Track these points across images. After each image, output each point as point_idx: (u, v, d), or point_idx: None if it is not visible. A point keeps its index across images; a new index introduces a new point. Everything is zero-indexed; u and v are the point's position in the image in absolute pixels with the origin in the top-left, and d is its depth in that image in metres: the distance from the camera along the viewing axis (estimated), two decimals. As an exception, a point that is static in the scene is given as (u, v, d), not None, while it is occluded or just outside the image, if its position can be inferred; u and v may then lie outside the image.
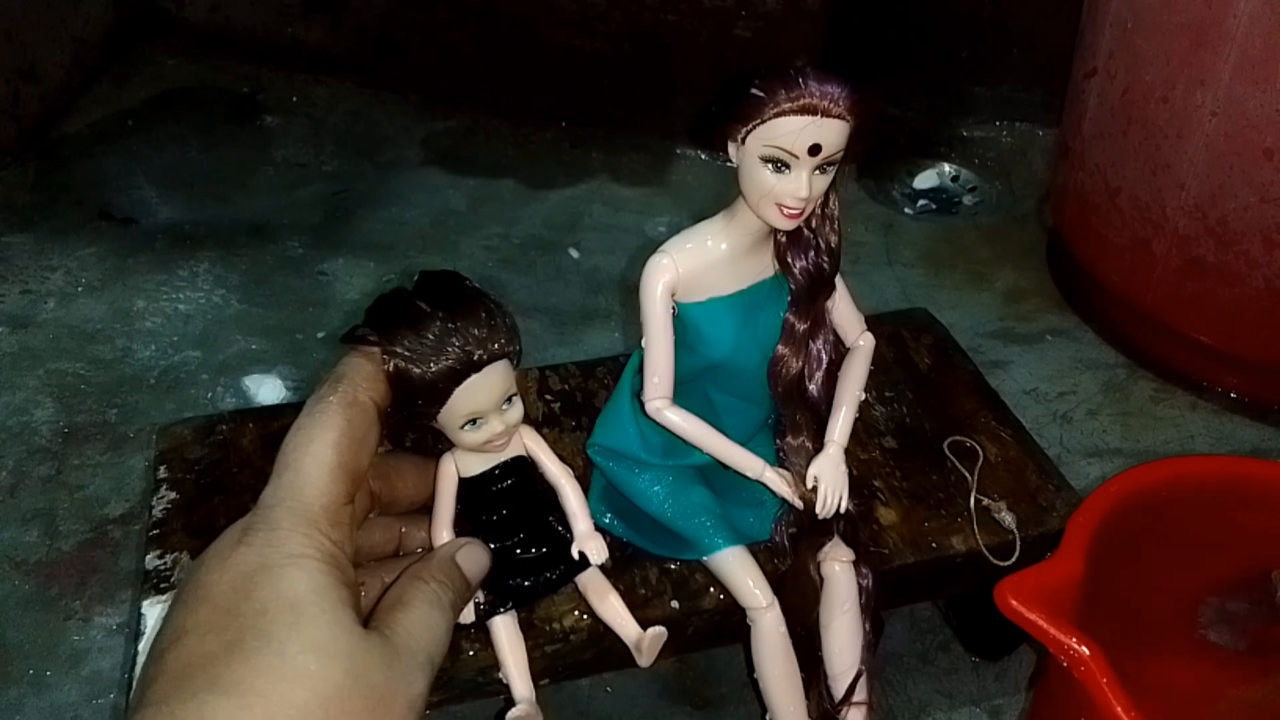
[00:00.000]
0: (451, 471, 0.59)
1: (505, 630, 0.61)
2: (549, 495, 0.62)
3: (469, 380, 0.53)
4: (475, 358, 0.52)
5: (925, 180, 1.57)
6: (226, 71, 1.72)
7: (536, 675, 0.62)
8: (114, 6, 1.71)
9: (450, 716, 0.80)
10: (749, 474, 0.62)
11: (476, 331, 0.52)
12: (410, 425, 0.56)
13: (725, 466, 0.63)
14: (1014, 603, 0.60)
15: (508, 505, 0.60)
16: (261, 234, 1.40)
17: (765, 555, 0.67)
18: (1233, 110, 1.01)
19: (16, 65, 1.50)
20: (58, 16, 1.59)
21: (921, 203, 1.53)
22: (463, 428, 0.55)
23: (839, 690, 0.64)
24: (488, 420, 0.56)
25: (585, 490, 0.65)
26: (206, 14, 1.74)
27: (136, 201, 1.45)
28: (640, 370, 0.61)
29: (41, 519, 1.00)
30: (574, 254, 1.39)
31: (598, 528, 0.63)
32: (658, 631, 0.62)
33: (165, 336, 1.22)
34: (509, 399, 0.56)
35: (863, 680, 0.65)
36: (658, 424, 0.62)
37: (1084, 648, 0.57)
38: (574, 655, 0.66)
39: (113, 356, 1.19)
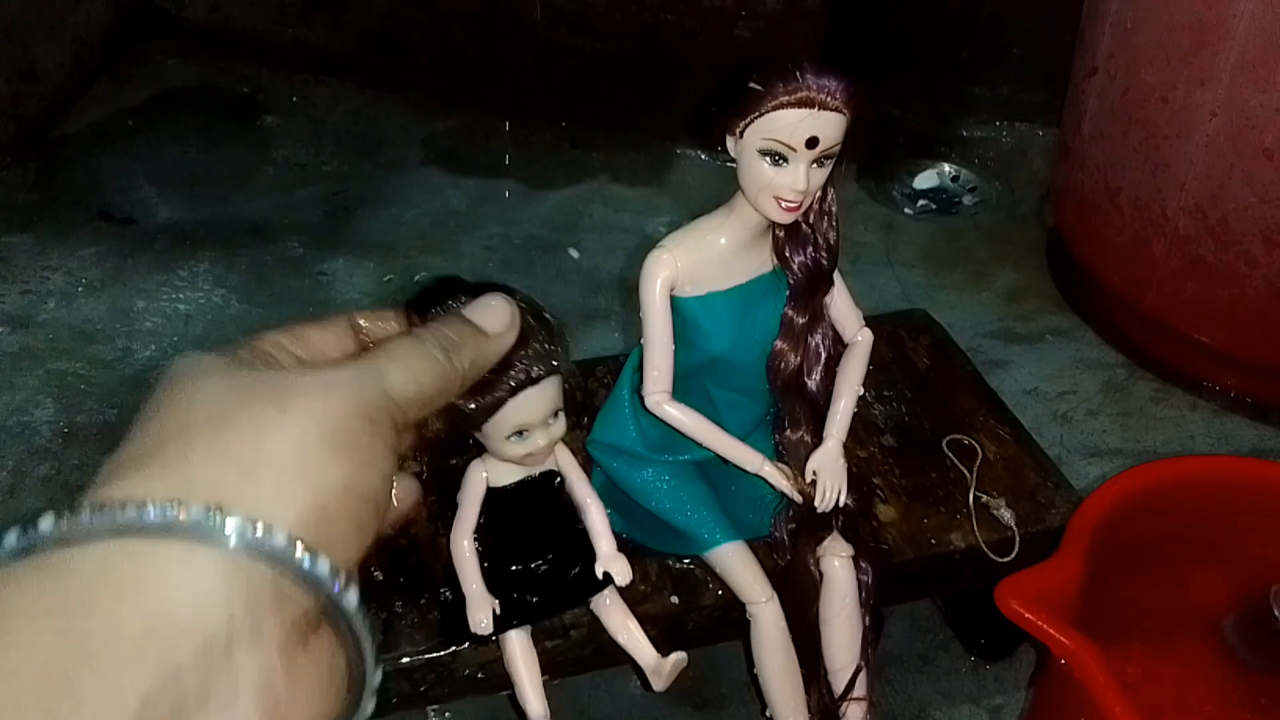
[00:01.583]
0: (480, 479, 0.59)
1: (519, 647, 0.61)
2: (573, 514, 0.62)
3: (524, 394, 0.52)
4: (533, 372, 0.52)
5: (925, 180, 1.57)
6: (226, 71, 1.72)
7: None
8: (114, 6, 1.71)
9: (450, 715, 0.80)
10: (748, 468, 0.62)
11: (536, 346, 0.51)
12: (452, 434, 0.56)
13: (724, 461, 0.63)
14: (1014, 603, 0.60)
15: (532, 519, 0.60)
16: (261, 234, 1.40)
17: (764, 550, 0.67)
18: (1233, 110, 1.01)
19: (16, 65, 1.50)
20: (58, 16, 1.59)
21: (921, 203, 1.53)
22: (508, 439, 0.55)
23: (839, 686, 0.64)
24: (533, 434, 0.55)
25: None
26: (206, 14, 1.74)
27: (136, 201, 1.45)
28: (640, 367, 0.61)
29: (41, 518, 1.00)
30: (574, 254, 1.39)
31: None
32: (679, 657, 0.62)
33: (165, 336, 1.22)
34: (555, 413, 0.56)
35: (862, 676, 0.65)
36: (657, 419, 0.62)
37: (1084, 648, 0.57)
38: (574, 651, 0.66)
39: (113, 356, 1.19)
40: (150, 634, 0.25)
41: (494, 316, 0.42)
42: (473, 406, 0.51)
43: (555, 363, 0.52)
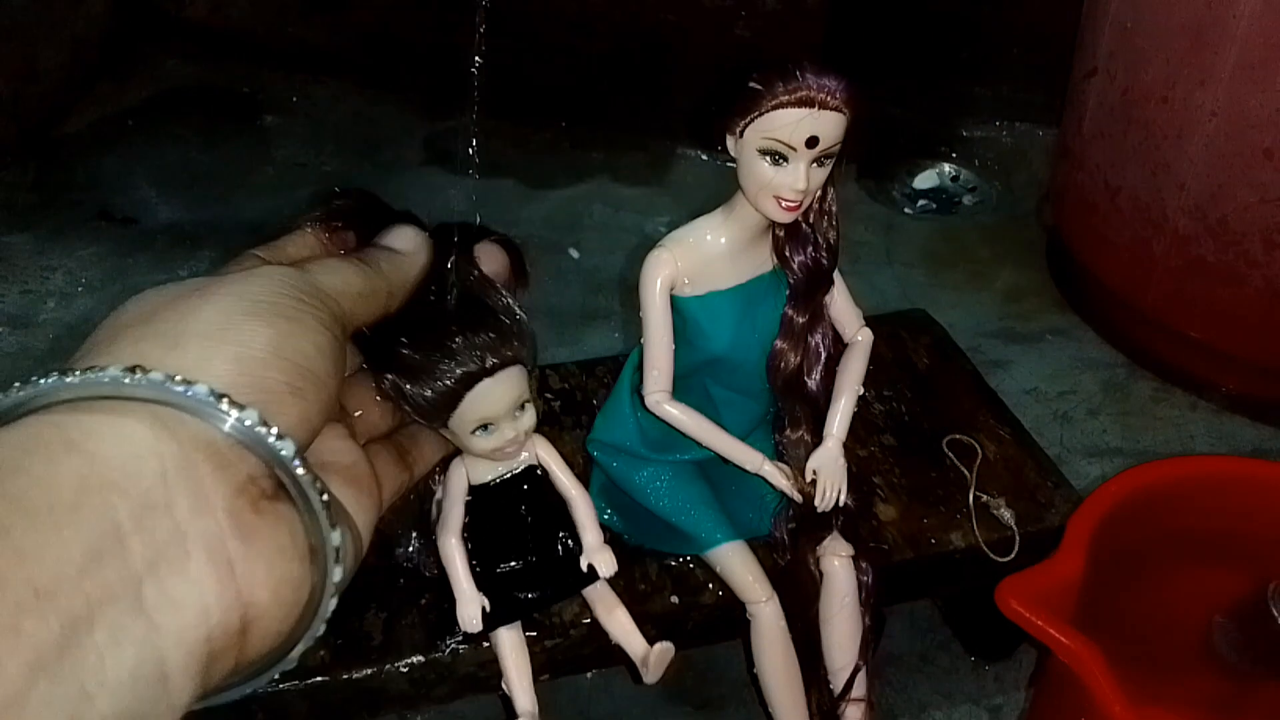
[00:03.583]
0: (462, 478, 0.58)
1: (510, 642, 0.61)
2: (559, 507, 0.61)
3: (479, 386, 0.51)
4: (487, 364, 0.50)
5: (925, 180, 1.57)
6: (226, 71, 1.72)
7: (536, 670, 0.62)
8: (114, 6, 1.71)
9: (450, 715, 0.80)
10: (748, 468, 0.62)
11: (488, 336, 0.50)
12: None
13: (724, 461, 0.63)
14: (1014, 603, 0.60)
15: (516, 514, 0.60)
16: (261, 234, 1.39)
17: (764, 550, 0.67)
18: (1233, 110, 1.01)
19: (16, 65, 1.50)
20: (58, 16, 1.59)
21: (921, 203, 1.53)
22: (474, 433, 0.53)
23: (839, 686, 0.64)
24: (499, 427, 0.54)
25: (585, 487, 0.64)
26: (206, 14, 1.74)
27: (136, 201, 1.45)
28: (640, 366, 0.61)
29: (40, 518, 1.00)
30: (574, 254, 1.39)
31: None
32: (664, 647, 0.62)
33: (165, 336, 1.22)
34: (522, 405, 0.55)
35: (862, 676, 0.65)
36: (657, 418, 0.62)
37: (1084, 648, 0.57)
38: (574, 650, 0.66)
39: (112, 356, 1.19)
40: (85, 489, 0.26)
41: (401, 239, 0.45)
42: (429, 394, 0.49)
43: (509, 354, 0.51)
